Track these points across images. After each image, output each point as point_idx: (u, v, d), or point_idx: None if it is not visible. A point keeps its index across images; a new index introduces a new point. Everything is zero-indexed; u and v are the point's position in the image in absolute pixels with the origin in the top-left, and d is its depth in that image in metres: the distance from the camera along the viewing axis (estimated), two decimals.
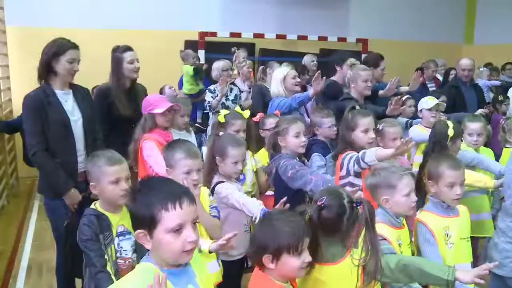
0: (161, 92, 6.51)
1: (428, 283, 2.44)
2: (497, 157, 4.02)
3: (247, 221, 3.09)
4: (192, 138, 4.19)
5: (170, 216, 1.63)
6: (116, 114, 3.96)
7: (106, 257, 2.39)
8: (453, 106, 5.70)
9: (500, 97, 6.36)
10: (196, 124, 6.04)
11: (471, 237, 2.88)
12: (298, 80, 4.82)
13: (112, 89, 4.04)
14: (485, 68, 7.95)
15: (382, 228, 2.52)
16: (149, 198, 1.66)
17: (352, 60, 5.33)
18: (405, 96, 5.52)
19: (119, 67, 4.06)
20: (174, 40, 7.79)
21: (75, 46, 3.41)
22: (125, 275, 1.84)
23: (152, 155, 3.46)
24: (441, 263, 2.55)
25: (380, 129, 3.55)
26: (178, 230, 1.64)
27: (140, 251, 2.38)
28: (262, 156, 3.77)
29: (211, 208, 2.84)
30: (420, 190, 2.96)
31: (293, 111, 4.54)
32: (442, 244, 2.68)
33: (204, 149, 3.95)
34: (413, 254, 2.71)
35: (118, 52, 4.11)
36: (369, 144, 3.30)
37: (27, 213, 6.20)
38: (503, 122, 4.38)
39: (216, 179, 3.12)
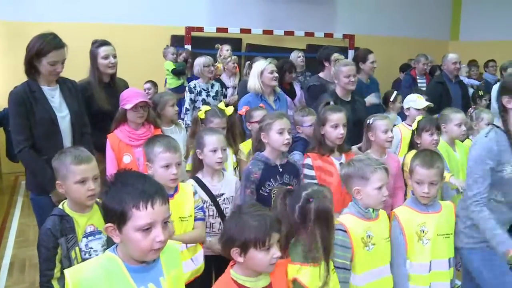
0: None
1: None
2: None
3: None
4: (180, 133, 4.16)
5: (141, 215, 1.62)
6: (96, 108, 3.89)
7: (55, 270, 2.32)
8: (439, 102, 5.72)
9: (480, 92, 6.41)
10: (179, 120, 6.00)
11: None
12: (276, 75, 4.66)
13: (91, 83, 3.99)
14: (463, 65, 8.01)
15: (347, 218, 2.58)
16: (121, 194, 1.64)
17: (336, 55, 5.31)
18: (394, 93, 5.54)
19: (95, 62, 4.01)
20: (160, 35, 7.74)
21: (59, 46, 3.28)
22: (91, 259, 1.87)
23: (108, 155, 3.50)
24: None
25: (370, 123, 3.53)
26: (147, 229, 1.63)
27: None
28: (245, 147, 3.75)
29: (196, 210, 2.82)
30: None
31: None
32: (413, 241, 2.69)
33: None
34: None
35: (94, 47, 4.06)
36: (339, 139, 3.30)
37: (11, 209, 6.13)
38: (471, 110, 4.41)
39: (200, 175, 3.10)
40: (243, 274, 2.01)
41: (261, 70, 4.62)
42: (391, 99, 5.37)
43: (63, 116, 3.38)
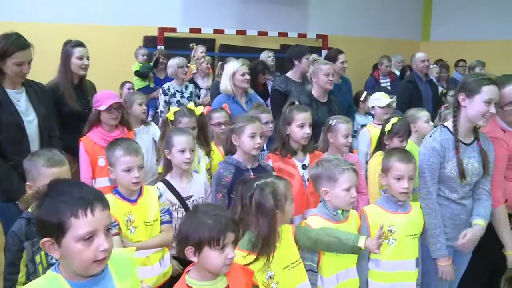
0: (120, 89, 6.44)
1: (339, 251, 2.52)
2: None
3: None
4: (149, 132, 4.14)
5: (81, 224, 1.53)
6: (66, 110, 3.84)
7: (20, 274, 2.28)
8: (409, 101, 5.80)
9: (444, 91, 6.55)
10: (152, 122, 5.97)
11: None
12: (247, 78, 4.64)
13: (60, 83, 3.92)
14: (435, 66, 8.14)
15: (314, 220, 2.61)
16: (57, 204, 1.54)
17: (314, 56, 5.33)
18: (364, 93, 5.60)
19: (68, 62, 3.96)
20: (133, 36, 7.65)
21: (24, 47, 3.23)
22: (33, 281, 1.76)
23: (82, 158, 3.46)
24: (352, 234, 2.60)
25: (333, 124, 3.52)
26: (89, 238, 1.54)
27: None
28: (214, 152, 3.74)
29: (162, 213, 2.79)
30: None
31: None
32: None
33: None
34: None
35: (69, 46, 4.00)
36: (304, 139, 3.30)
37: None
38: (442, 109, 4.50)
39: (169, 177, 3.08)
40: (199, 279, 1.99)
41: (233, 72, 4.59)
42: (361, 99, 5.43)
43: (30, 120, 3.32)
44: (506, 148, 3.08)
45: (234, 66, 4.63)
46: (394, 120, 3.67)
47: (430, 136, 2.94)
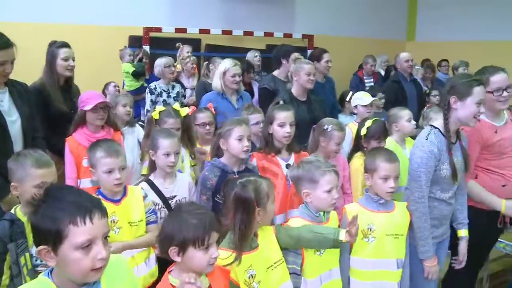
0: (104, 89, 6.39)
1: (321, 246, 2.55)
2: None
3: None
4: (134, 133, 4.13)
5: (79, 232, 1.49)
6: (53, 110, 3.82)
7: (3, 277, 2.26)
8: (395, 101, 5.85)
9: (427, 91, 6.61)
10: (140, 122, 5.95)
11: None
12: (237, 79, 4.63)
13: (46, 84, 3.90)
14: (420, 67, 8.21)
15: (297, 222, 2.61)
16: (55, 211, 1.50)
17: (296, 54, 5.34)
18: (350, 93, 5.63)
19: (53, 63, 3.94)
20: (118, 36, 7.61)
21: (6, 46, 3.18)
22: (22, 285, 1.74)
23: (67, 159, 3.45)
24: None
25: (328, 130, 3.52)
26: (87, 246, 1.51)
27: None
28: None
29: (149, 213, 2.79)
30: None
31: None
32: (358, 238, 2.69)
33: None
34: None
35: (54, 47, 3.98)
36: (285, 138, 3.30)
37: None
38: (425, 109, 4.54)
39: (152, 177, 3.07)
40: None
41: (223, 71, 4.58)
42: (347, 99, 5.46)
43: (13, 121, 3.29)
44: (478, 136, 3.17)
45: (226, 65, 4.61)
46: (368, 123, 3.68)
47: (426, 139, 2.91)
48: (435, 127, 2.96)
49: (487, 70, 3.23)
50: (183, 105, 5.34)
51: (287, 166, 3.27)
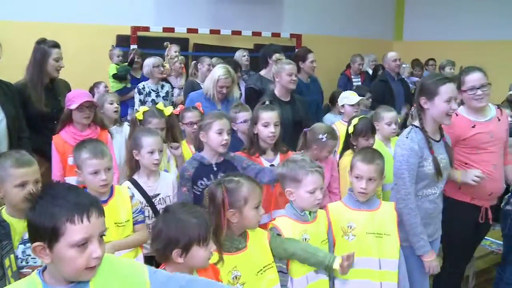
0: (92, 88, 6.35)
1: (313, 266, 2.56)
2: None
3: None
4: (122, 132, 4.11)
5: (76, 230, 1.48)
6: (33, 110, 3.77)
7: None
8: (382, 100, 5.88)
9: (412, 90, 6.66)
10: (127, 122, 5.92)
11: None
12: (224, 91, 4.46)
13: (29, 83, 3.85)
14: (407, 65, 8.27)
15: (282, 221, 2.61)
16: (52, 208, 1.49)
17: (277, 55, 5.33)
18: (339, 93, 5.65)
19: (44, 61, 3.88)
20: (106, 35, 7.58)
21: None
22: (11, 284, 1.73)
23: (53, 157, 3.44)
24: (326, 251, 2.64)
25: (323, 140, 3.52)
26: (83, 244, 1.50)
27: None
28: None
29: (136, 213, 2.78)
30: None
31: None
32: (338, 235, 2.76)
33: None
34: None
35: (46, 46, 3.92)
36: (269, 138, 3.31)
37: None
38: (412, 109, 4.57)
39: (136, 176, 3.07)
40: None
41: (216, 79, 4.43)
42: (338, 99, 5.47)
43: None
44: (452, 130, 3.23)
45: (218, 73, 4.45)
46: (355, 121, 3.70)
47: (407, 137, 2.97)
48: (416, 126, 3.02)
49: (464, 70, 3.36)
50: (173, 104, 5.32)
51: (271, 166, 3.26)
